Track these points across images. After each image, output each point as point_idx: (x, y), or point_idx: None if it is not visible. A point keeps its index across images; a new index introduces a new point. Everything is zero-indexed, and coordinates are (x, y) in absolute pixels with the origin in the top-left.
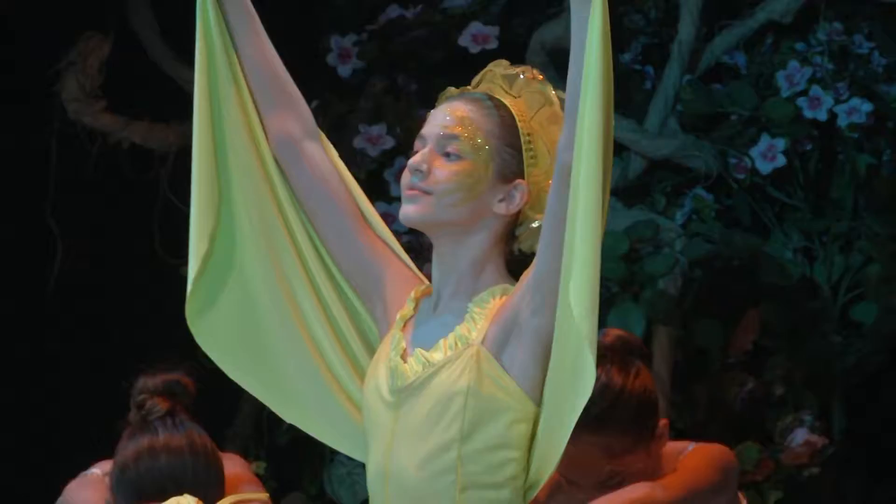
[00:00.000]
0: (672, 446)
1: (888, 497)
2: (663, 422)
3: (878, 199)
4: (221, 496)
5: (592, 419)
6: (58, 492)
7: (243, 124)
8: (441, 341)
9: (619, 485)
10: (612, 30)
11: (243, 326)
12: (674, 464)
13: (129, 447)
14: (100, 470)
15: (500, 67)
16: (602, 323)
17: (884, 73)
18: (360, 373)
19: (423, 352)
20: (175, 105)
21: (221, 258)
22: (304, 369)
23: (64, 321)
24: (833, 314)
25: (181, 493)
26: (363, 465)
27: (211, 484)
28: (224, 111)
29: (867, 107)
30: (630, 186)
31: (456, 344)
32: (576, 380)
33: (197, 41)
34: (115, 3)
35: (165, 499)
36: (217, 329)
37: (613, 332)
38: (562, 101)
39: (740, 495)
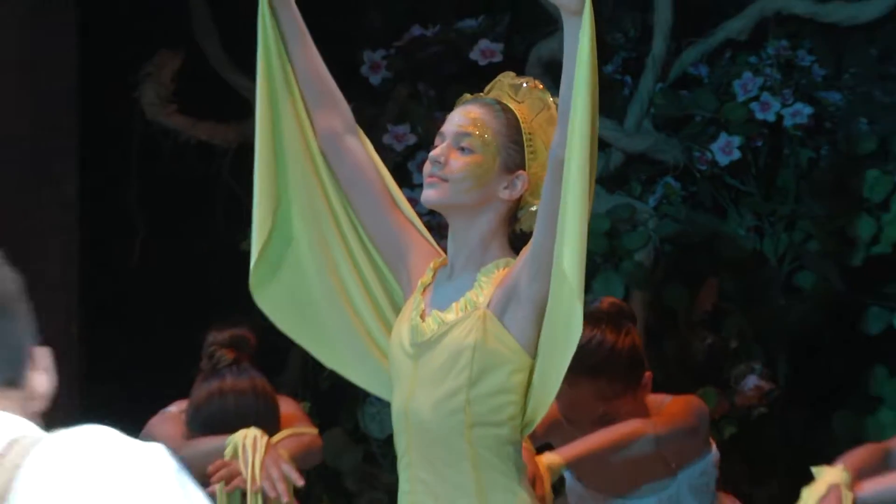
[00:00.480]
0: (653, 397)
1: (823, 429)
2: (648, 374)
3: (816, 186)
4: (278, 430)
5: (589, 369)
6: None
7: (296, 123)
8: (454, 304)
9: (611, 423)
10: (596, 46)
11: (295, 292)
12: (656, 410)
13: (201, 390)
14: (176, 408)
15: (507, 78)
16: (587, 289)
17: (822, 83)
18: (388, 329)
19: (438, 313)
20: (234, 108)
21: (279, 237)
22: (343, 326)
23: (144, 286)
24: (779, 281)
25: (247, 428)
26: (389, 405)
27: (270, 420)
28: (280, 112)
29: (808, 110)
30: (611, 176)
31: (466, 307)
32: (567, 333)
33: (258, 54)
34: (185, 24)
35: (232, 433)
36: (274, 294)
37: (608, 300)
38: (557, 106)
39: (711, 440)
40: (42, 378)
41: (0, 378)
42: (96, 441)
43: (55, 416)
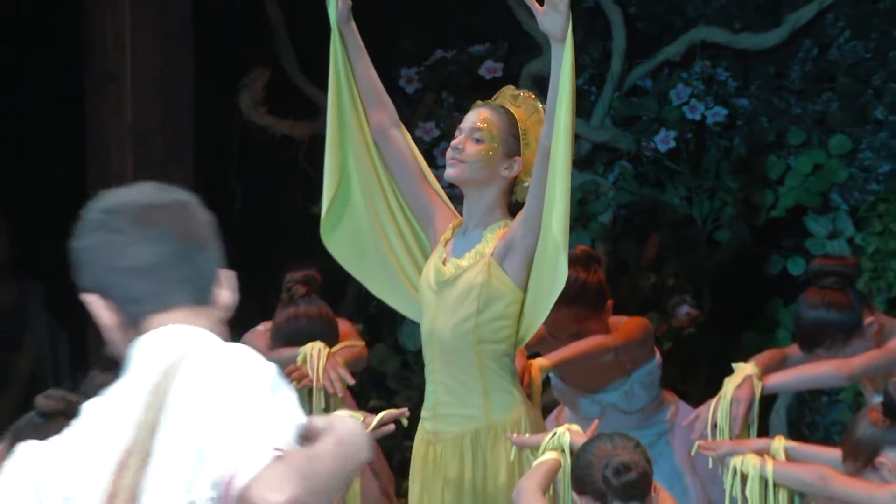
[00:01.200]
0: (614, 318)
1: (735, 344)
2: (610, 302)
3: (730, 167)
4: (337, 343)
5: (567, 298)
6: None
7: (356, 119)
8: (467, 253)
9: (584, 337)
10: (575, 74)
11: (351, 239)
12: (616, 328)
13: (281, 314)
14: (263, 327)
15: (508, 90)
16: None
17: (734, 92)
18: (418, 270)
19: (455, 259)
20: (307, 110)
21: (341, 200)
22: (386, 266)
23: (242, 244)
24: (703, 237)
25: (314, 342)
26: (419, 326)
27: (331, 336)
28: (345, 111)
29: (724, 112)
30: (581, 160)
31: (476, 255)
32: (554, 276)
33: (330, 68)
34: (272, 47)
35: (303, 345)
36: (337, 240)
37: (581, 248)
38: (544, 110)
39: (655, 349)
40: (226, 294)
41: (193, 298)
42: (232, 354)
43: None
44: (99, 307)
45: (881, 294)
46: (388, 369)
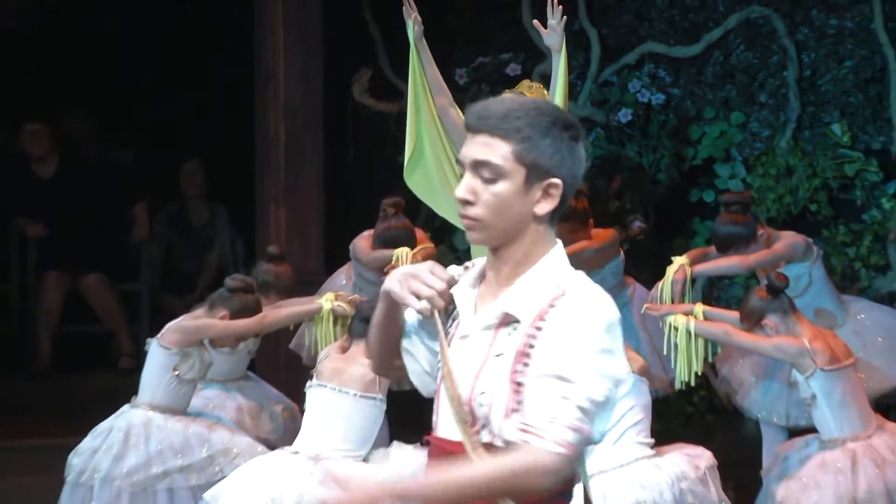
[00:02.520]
0: (594, 231)
1: (668, 246)
2: (591, 220)
3: (667, 133)
4: (416, 245)
5: (564, 217)
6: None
7: (426, 102)
8: None
9: (574, 242)
10: (569, 68)
11: (423, 179)
12: (594, 236)
13: (379, 226)
14: (367, 234)
15: (525, 82)
16: None
17: (669, 84)
18: None
19: None
20: (395, 94)
21: (416, 154)
22: (446, 196)
23: (355, 181)
24: (649, 178)
25: (402, 246)
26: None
27: (412, 241)
28: (419, 97)
29: (662, 97)
30: None
31: None
32: None
33: (410, 68)
34: (373, 54)
35: (395, 248)
36: (414, 180)
37: None
38: (548, 94)
39: (620, 250)
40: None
41: None
42: (593, 295)
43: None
44: (557, 194)
45: (762, 215)
46: (446, 263)
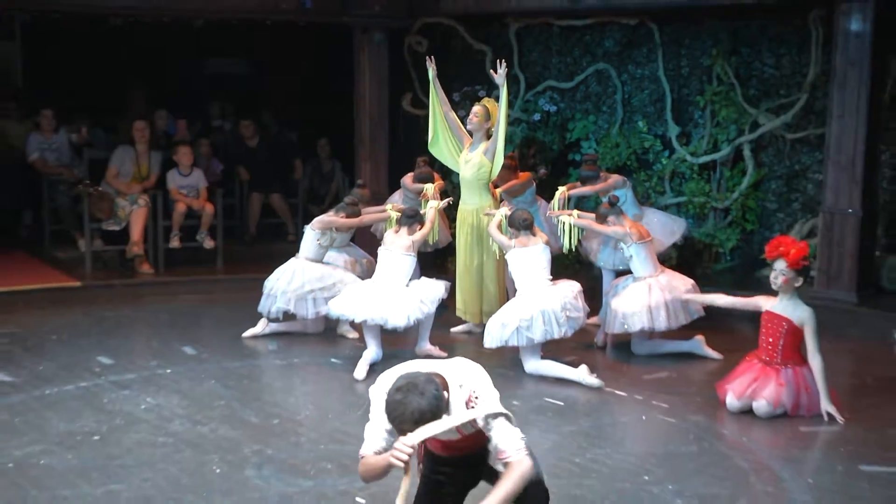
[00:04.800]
0: (521, 174)
1: (557, 182)
2: (518, 170)
3: (558, 126)
4: (434, 182)
5: (504, 168)
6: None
7: (438, 110)
8: (473, 153)
9: (509, 181)
10: (508, 92)
11: (438, 148)
12: (520, 178)
13: (416, 171)
14: (409, 174)
15: (486, 99)
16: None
17: (558, 101)
18: (458, 156)
19: (469, 153)
20: (423, 106)
21: (434, 137)
22: (451, 154)
23: (403, 153)
24: (548, 148)
25: (427, 182)
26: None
27: (433, 179)
28: (435, 107)
29: (555, 108)
30: (511, 122)
31: (477, 154)
32: (498, 161)
33: (430, 92)
34: (410, 81)
35: (425, 184)
36: (435, 149)
37: (509, 153)
38: (498, 106)
39: (534, 183)
40: None
41: None
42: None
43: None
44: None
45: (603, 166)
46: (448, 191)
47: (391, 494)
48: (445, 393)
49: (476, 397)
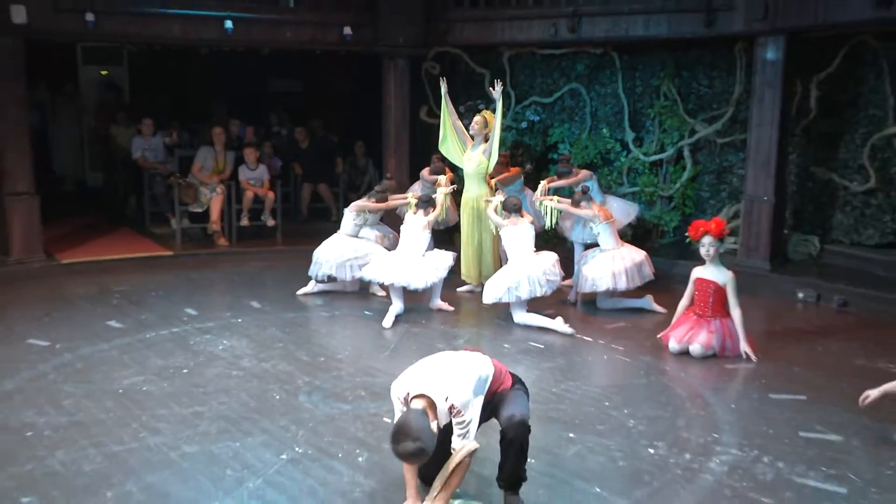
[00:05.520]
0: (511, 168)
1: (539, 176)
2: (509, 166)
3: (540, 132)
4: (446, 174)
5: (497, 162)
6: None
7: (448, 119)
8: (475, 151)
9: (501, 174)
10: (504, 107)
11: (447, 148)
12: (510, 171)
13: (431, 165)
14: (427, 168)
15: (485, 110)
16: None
17: (542, 113)
18: (462, 154)
19: (471, 152)
20: (436, 116)
21: (443, 138)
22: (456, 152)
23: (420, 149)
24: (534, 149)
25: (440, 174)
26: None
27: (444, 172)
28: (445, 116)
29: (538, 118)
30: (504, 129)
31: (478, 153)
32: (494, 157)
33: (441, 105)
34: (426, 98)
35: (439, 175)
36: (443, 148)
37: (502, 153)
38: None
39: (522, 176)
40: None
41: None
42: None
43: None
44: None
45: (574, 164)
46: (459, 185)
47: None
48: (433, 420)
49: (458, 411)
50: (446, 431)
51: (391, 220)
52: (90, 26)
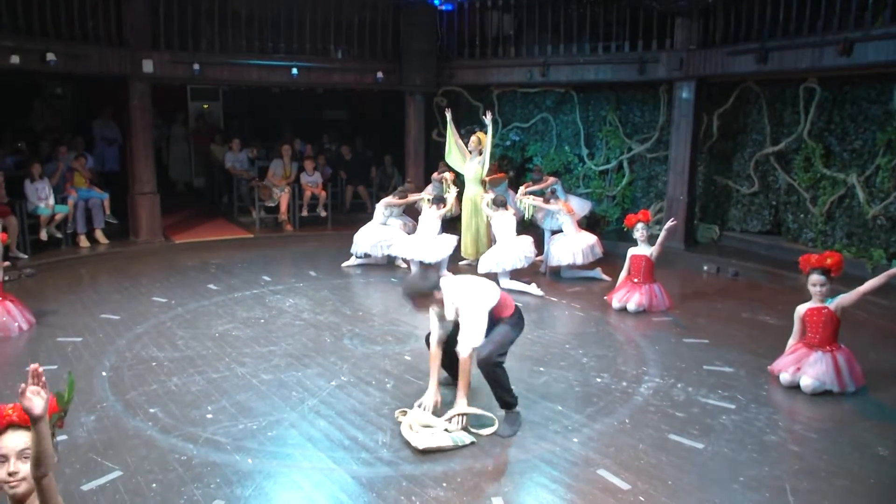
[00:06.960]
0: (498, 174)
1: (519, 182)
2: (497, 172)
3: (518, 151)
4: (451, 177)
5: (489, 171)
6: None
7: (452, 137)
8: (473, 161)
9: (493, 175)
10: (493, 130)
11: (452, 158)
12: (499, 173)
13: (439, 171)
14: (437, 172)
15: (479, 131)
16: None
17: (520, 135)
18: (463, 162)
19: (471, 162)
20: (443, 136)
21: (448, 151)
22: (460, 160)
23: (433, 159)
24: (514, 161)
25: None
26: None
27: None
28: (450, 135)
29: (518, 138)
30: (495, 146)
31: (476, 162)
32: (487, 165)
33: (447, 128)
34: (435, 120)
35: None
36: (449, 159)
37: (493, 164)
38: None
39: (507, 179)
40: None
41: None
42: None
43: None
44: None
45: (545, 172)
46: (461, 187)
47: (425, 354)
48: (443, 308)
49: (457, 307)
50: (455, 332)
51: (411, 213)
52: (196, 73)
